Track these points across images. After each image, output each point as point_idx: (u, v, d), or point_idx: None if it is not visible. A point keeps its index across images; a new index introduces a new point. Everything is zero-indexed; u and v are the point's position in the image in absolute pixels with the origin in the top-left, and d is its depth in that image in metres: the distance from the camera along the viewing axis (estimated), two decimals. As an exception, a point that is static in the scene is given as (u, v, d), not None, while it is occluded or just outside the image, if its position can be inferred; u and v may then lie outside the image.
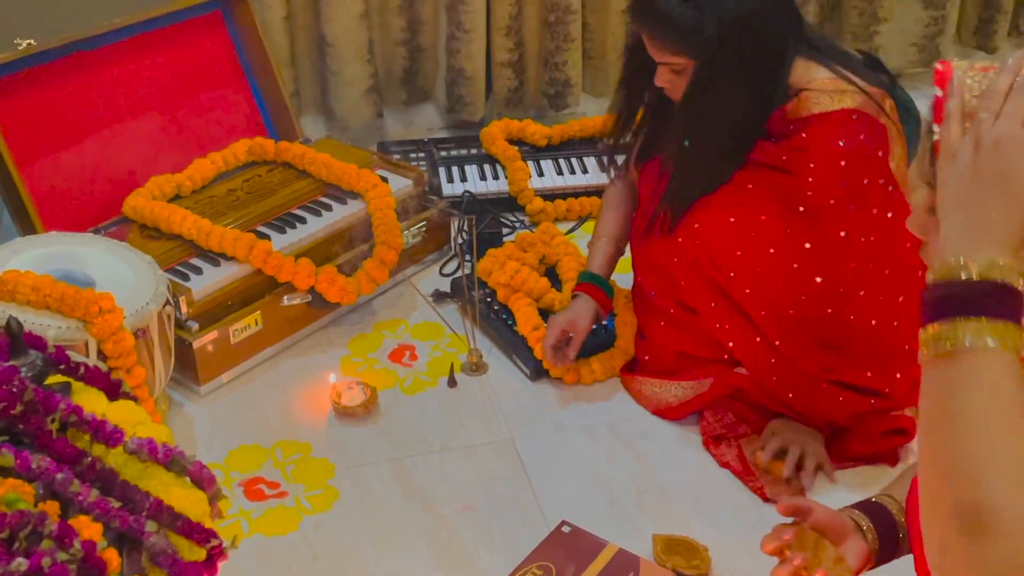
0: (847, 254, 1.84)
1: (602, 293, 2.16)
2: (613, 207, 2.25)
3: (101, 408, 1.34)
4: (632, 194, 2.23)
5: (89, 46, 2.46)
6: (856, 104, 1.83)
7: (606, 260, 2.20)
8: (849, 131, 1.82)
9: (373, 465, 1.99)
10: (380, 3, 3.00)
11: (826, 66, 1.88)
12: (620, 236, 2.22)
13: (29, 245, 2.04)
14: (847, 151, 1.81)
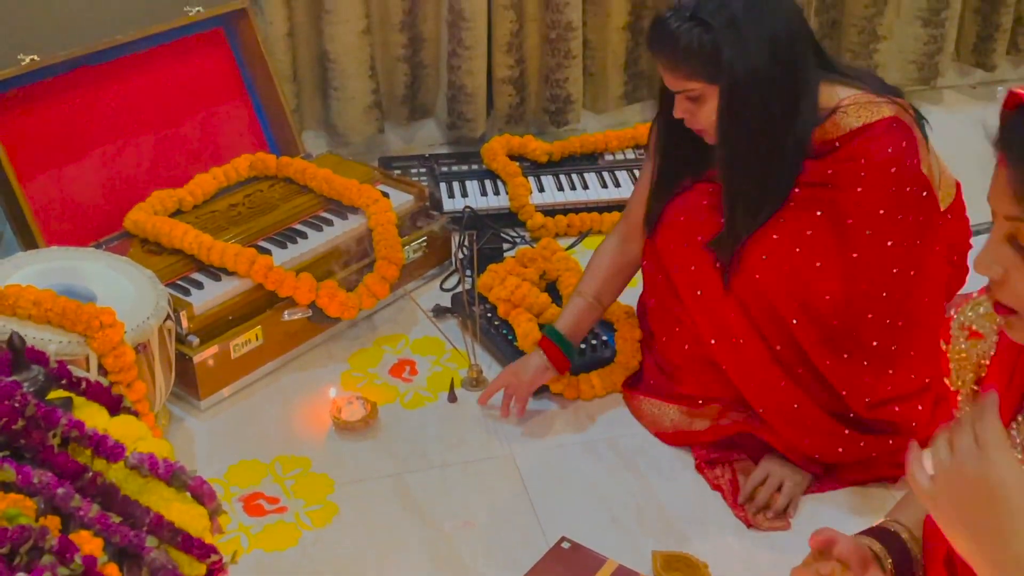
0: (892, 262, 1.85)
1: (559, 352, 2.10)
2: (603, 265, 2.16)
3: (102, 423, 1.34)
4: (624, 251, 2.15)
5: (92, 62, 2.47)
6: (893, 113, 1.84)
7: (577, 319, 2.12)
8: (894, 139, 1.83)
9: (373, 480, 1.99)
10: (382, 20, 3.02)
11: (849, 85, 1.89)
12: (603, 297, 2.14)
13: (31, 259, 2.05)
14: (895, 158, 1.82)
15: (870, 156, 1.82)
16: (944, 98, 3.55)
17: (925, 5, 3.32)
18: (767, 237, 1.89)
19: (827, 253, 1.86)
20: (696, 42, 1.78)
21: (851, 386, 1.89)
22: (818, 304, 1.87)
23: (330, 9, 2.87)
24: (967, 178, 2.39)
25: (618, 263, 2.15)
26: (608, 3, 3.12)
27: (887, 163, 1.82)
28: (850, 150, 1.84)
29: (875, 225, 1.84)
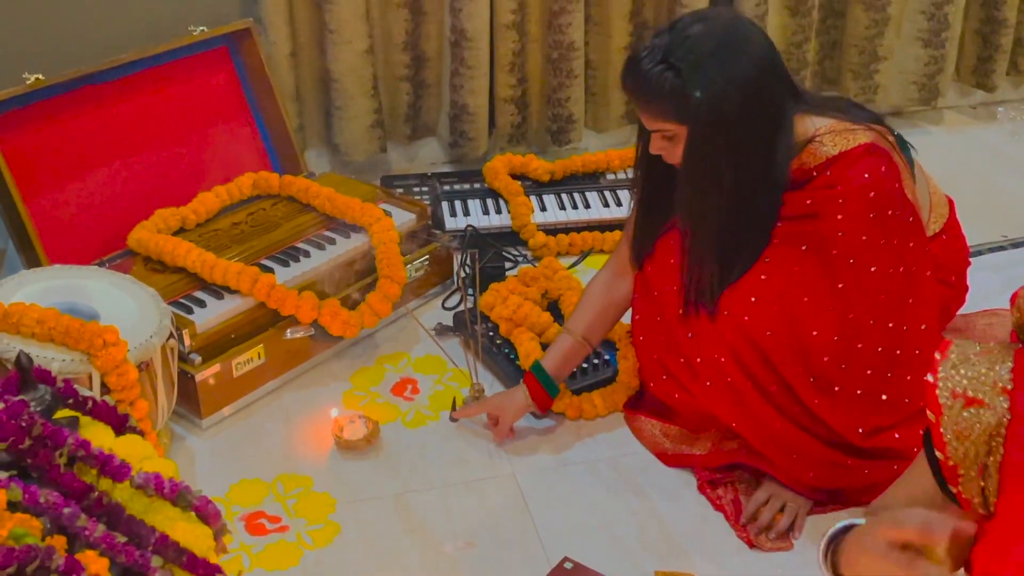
0: (878, 288, 1.84)
1: (542, 390, 2.09)
2: (593, 302, 2.14)
3: (108, 442, 1.35)
4: (615, 288, 2.13)
5: (96, 81, 2.48)
6: (870, 139, 1.84)
7: (564, 357, 2.11)
8: (872, 164, 1.82)
9: (374, 500, 1.99)
10: (385, 39, 3.03)
11: (823, 115, 1.88)
12: (591, 335, 2.12)
13: (34, 278, 2.05)
14: (873, 183, 1.81)
15: (847, 182, 1.81)
16: (945, 118, 3.56)
17: (926, 26, 3.34)
18: (755, 278, 1.88)
19: (815, 288, 1.85)
20: (667, 85, 1.76)
21: (844, 420, 1.88)
22: (808, 341, 1.85)
23: (333, 29, 2.88)
24: (966, 197, 2.41)
25: (608, 300, 2.14)
26: (609, 24, 3.14)
27: (865, 188, 1.80)
28: (827, 178, 1.83)
29: (858, 252, 1.83)
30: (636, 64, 1.80)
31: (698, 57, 1.75)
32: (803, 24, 3.27)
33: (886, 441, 1.89)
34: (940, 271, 2.09)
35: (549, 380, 2.09)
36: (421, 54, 3.09)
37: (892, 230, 1.83)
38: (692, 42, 1.76)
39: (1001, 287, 2.47)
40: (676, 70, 1.75)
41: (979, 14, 3.48)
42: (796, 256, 1.86)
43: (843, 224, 1.82)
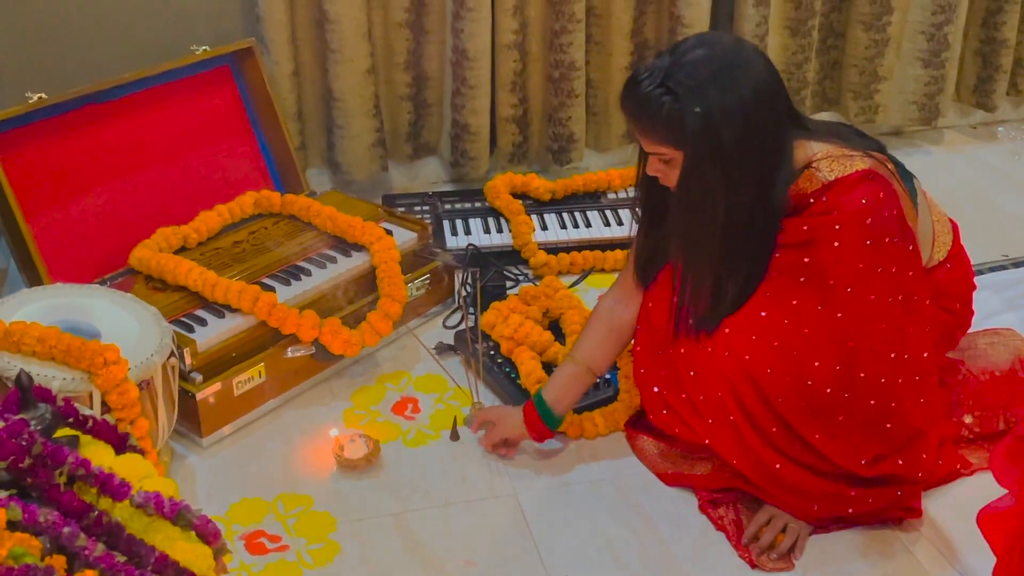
0: (877, 316, 1.81)
1: (540, 422, 2.06)
2: (598, 329, 2.10)
3: (108, 461, 1.34)
4: (619, 315, 2.09)
5: (98, 100, 2.49)
6: (867, 165, 1.82)
7: (566, 387, 2.08)
8: (869, 190, 1.80)
9: (375, 519, 1.98)
10: (386, 59, 3.05)
11: (822, 140, 1.86)
12: (596, 364, 2.08)
13: (35, 296, 2.05)
14: (870, 209, 1.79)
15: (843, 208, 1.79)
16: (945, 138, 3.57)
17: (926, 46, 3.35)
18: (754, 315, 1.86)
19: (815, 319, 1.83)
20: (664, 109, 1.74)
21: (846, 452, 1.86)
22: (810, 373, 1.83)
23: (335, 48, 2.89)
24: (967, 217, 2.41)
25: (612, 326, 2.09)
26: (610, 43, 3.15)
27: (862, 214, 1.78)
28: (824, 204, 1.81)
29: (855, 281, 1.81)
30: (635, 86, 1.79)
31: (697, 82, 1.73)
32: (803, 44, 3.28)
33: (889, 468, 1.87)
34: (943, 299, 2.07)
35: (548, 412, 2.06)
36: (422, 73, 3.10)
37: (890, 258, 1.81)
38: (692, 66, 1.75)
39: (1002, 306, 2.47)
40: (674, 94, 1.74)
41: (979, 34, 3.49)
42: (795, 288, 1.84)
43: (839, 251, 1.80)
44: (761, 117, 1.77)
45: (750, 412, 1.88)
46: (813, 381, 1.83)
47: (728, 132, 1.74)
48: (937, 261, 2.06)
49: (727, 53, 1.78)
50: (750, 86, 1.76)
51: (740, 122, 1.75)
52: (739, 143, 1.76)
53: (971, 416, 2.08)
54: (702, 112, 1.73)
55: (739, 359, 1.86)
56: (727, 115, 1.74)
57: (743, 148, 1.77)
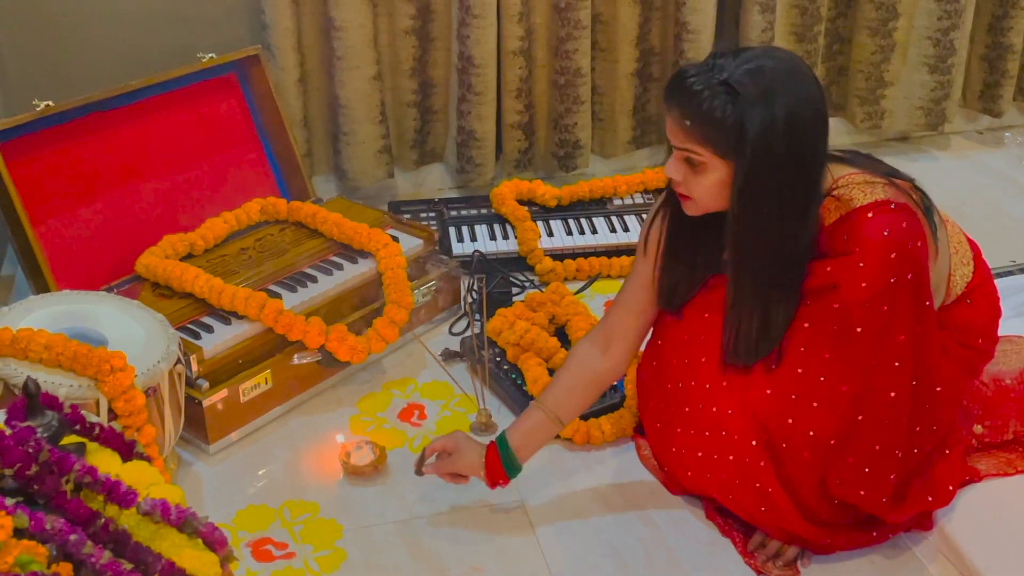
0: (899, 356, 1.75)
1: (499, 465, 1.93)
2: (572, 377, 1.99)
3: (115, 469, 1.34)
4: (598, 364, 1.98)
5: (105, 107, 2.50)
6: (888, 195, 1.74)
7: (531, 434, 1.96)
8: (892, 221, 1.72)
9: (381, 526, 1.98)
10: (392, 66, 3.05)
11: (848, 163, 1.81)
12: (564, 413, 1.97)
13: (42, 303, 2.06)
14: (893, 243, 1.70)
15: (865, 243, 1.71)
16: (951, 144, 3.57)
17: (932, 52, 3.35)
18: (791, 372, 1.79)
19: (845, 370, 1.76)
20: (719, 111, 1.66)
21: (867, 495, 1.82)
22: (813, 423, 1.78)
23: (341, 56, 2.90)
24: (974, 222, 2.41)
25: (586, 377, 1.98)
26: (616, 50, 3.15)
27: (886, 249, 1.70)
28: (845, 243, 1.73)
29: (882, 324, 1.73)
30: (690, 79, 1.69)
31: (764, 90, 1.65)
32: (809, 50, 3.28)
33: (919, 506, 1.87)
34: (964, 336, 1.95)
35: (511, 457, 1.93)
36: (428, 80, 3.10)
37: (913, 293, 1.73)
38: (759, 73, 1.67)
39: (1010, 312, 2.46)
40: (735, 96, 1.66)
41: (985, 40, 3.49)
42: (824, 341, 1.77)
43: (866, 292, 1.71)
44: (814, 135, 1.72)
45: (784, 472, 1.83)
46: (816, 431, 1.78)
47: (786, 144, 1.68)
48: (955, 297, 1.96)
49: (791, 66, 1.71)
50: (812, 101, 1.70)
51: (797, 137, 1.68)
52: (795, 158, 1.69)
53: (981, 426, 2.07)
54: (764, 121, 1.65)
55: (781, 422, 1.80)
56: (787, 126, 1.67)
57: (798, 163, 1.70)
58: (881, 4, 3.28)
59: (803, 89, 1.70)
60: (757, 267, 1.77)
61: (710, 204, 1.78)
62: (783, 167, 1.69)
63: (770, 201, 1.72)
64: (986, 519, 1.93)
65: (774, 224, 1.73)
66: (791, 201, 1.73)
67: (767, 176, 1.69)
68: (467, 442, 1.97)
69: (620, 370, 2.00)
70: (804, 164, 1.72)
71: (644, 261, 1.95)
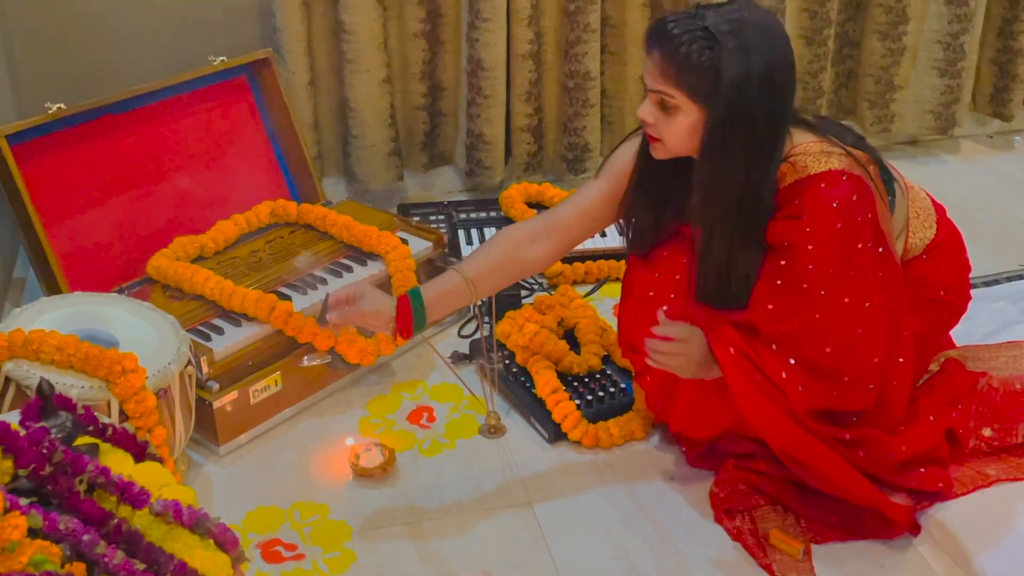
0: (853, 321, 1.83)
1: (409, 318, 1.94)
2: (496, 253, 2.03)
3: (128, 470, 1.35)
4: (526, 249, 2.03)
5: (117, 110, 2.51)
6: (843, 165, 1.82)
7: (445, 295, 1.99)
8: (841, 191, 1.80)
9: (390, 528, 1.99)
10: (402, 69, 3.06)
11: (807, 131, 1.87)
12: (480, 286, 2.00)
13: (54, 305, 2.07)
14: (841, 212, 1.80)
15: (813, 212, 1.80)
16: (961, 147, 3.56)
17: (942, 56, 3.35)
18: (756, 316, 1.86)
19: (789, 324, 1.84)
20: (696, 55, 1.74)
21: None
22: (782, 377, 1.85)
23: (351, 59, 2.91)
24: (983, 226, 2.41)
25: (513, 256, 2.03)
26: (625, 53, 3.16)
27: (832, 217, 1.79)
28: (795, 207, 1.81)
29: (828, 285, 1.82)
30: (671, 24, 1.77)
31: (742, 40, 1.74)
32: (819, 53, 3.28)
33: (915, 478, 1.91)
34: (926, 289, 2.06)
35: (422, 311, 1.95)
36: (438, 83, 3.11)
37: (862, 262, 1.82)
38: (739, 23, 1.75)
39: (1020, 316, 2.47)
40: (714, 43, 1.74)
41: (995, 43, 3.48)
42: (773, 292, 1.85)
43: (812, 254, 1.81)
44: (784, 91, 1.80)
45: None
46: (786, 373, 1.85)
47: (758, 96, 1.76)
48: (914, 254, 2.04)
49: (769, 22, 1.81)
50: (785, 57, 1.80)
51: (769, 91, 1.77)
52: (765, 111, 1.78)
53: (990, 429, 2.07)
54: (740, 68, 1.73)
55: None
56: (760, 76, 1.75)
57: (767, 116, 1.79)
58: (891, 8, 3.28)
59: (778, 46, 1.79)
60: (722, 214, 1.85)
61: (678, 147, 1.86)
62: (754, 118, 1.78)
63: (737, 148, 1.80)
64: (995, 523, 1.93)
65: (739, 171, 1.81)
66: (756, 152, 1.81)
67: (737, 124, 1.77)
68: (374, 290, 1.99)
69: (542, 266, 2.08)
70: (772, 118, 1.80)
71: (598, 183, 2.06)
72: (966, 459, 2.03)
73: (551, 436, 2.19)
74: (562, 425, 2.17)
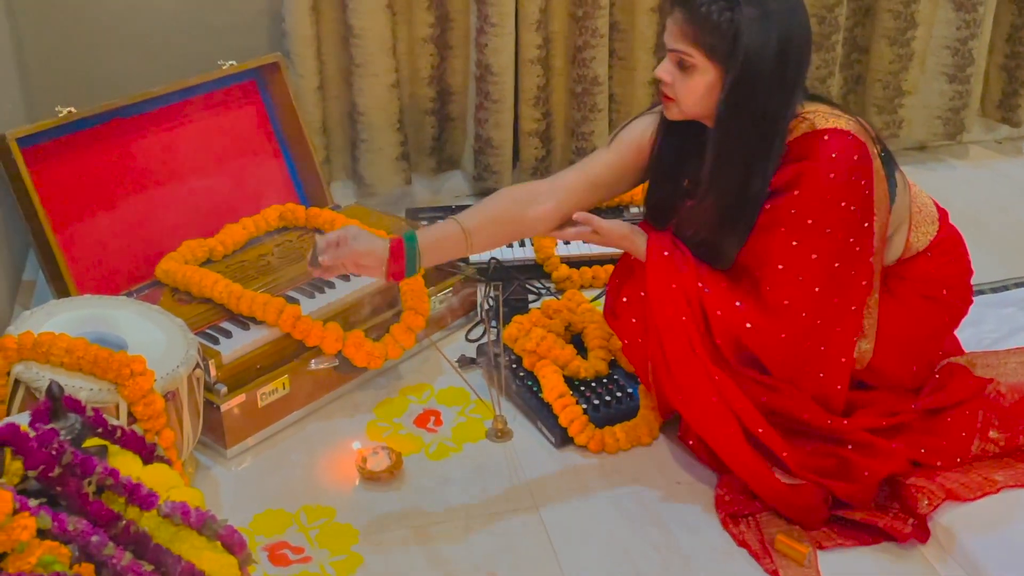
0: (812, 277, 1.88)
1: (402, 263, 1.90)
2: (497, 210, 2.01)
3: (136, 471, 1.36)
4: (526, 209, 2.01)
5: (126, 114, 2.52)
6: (850, 127, 1.88)
7: (441, 243, 1.96)
8: (842, 146, 1.86)
9: (397, 531, 1.99)
10: (411, 74, 3.07)
11: (825, 102, 1.94)
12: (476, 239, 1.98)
13: (63, 307, 2.08)
14: (837, 164, 1.85)
15: (814, 157, 1.85)
16: (970, 153, 3.56)
17: (950, 61, 3.34)
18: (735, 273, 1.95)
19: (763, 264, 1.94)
20: (716, 15, 1.80)
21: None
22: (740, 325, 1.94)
23: (360, 63, 2.91)
24: (992, 232, 2.41)
25: (512, 213, 2.01)
26: (634, 58, 3.16)
27: (826, 168, 1.85)
28: (795, 155, 1.88)
29: (801, 235, 1.87)
30: None
31: (763, 11, 1.80)
32: (827, 59, 3.28)
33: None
34: (927, 286, 2.09)
35: (414, 256, 1.92)
36: (446, 88, 3.12)
37: (840, 223, 1.86)
38: None
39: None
40: (735, 6, 1.79)
41: (1004, 49, 3.48)
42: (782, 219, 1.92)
43: (795, 200, 1.86)
44: (801, 62, 1.86)
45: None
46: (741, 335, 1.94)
47: (776, 64, 1.82)
48: (916, 251, 2.08)
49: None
50: (803, 30, 1.86)
51: (783, 52, 1.82)
52: (780, 78, 1.83)
53: (996, 432, 2.07)
54: (758, 33, 1.79)
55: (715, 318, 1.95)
56: (778, 43, 1.81)
57: (780, 83, 1.84)
58: (899, 13, 3.28)
59: (798, 19, 1.86)
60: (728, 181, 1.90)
61: (693, 108, 1.91)
62: (769, 86, 1.83)
63: (750, 113, 1.85)
64: (1003, 530, 1.92)
65: (750, 138, 1.87)
66: (768, 120, 1.86)
67: (752, 88, 1.83)
68: (365, 232, 1.95)
69: (540, 227, 2.04)
70: (785, 88, 1.85)
71: (606, 152, 2.08)
72: (971, 465, 2.03)
73: (558, 440, 2.19)
74: (569, 429, 2.17)
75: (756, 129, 1.87)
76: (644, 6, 3.08)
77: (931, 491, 1.95)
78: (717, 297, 1.94)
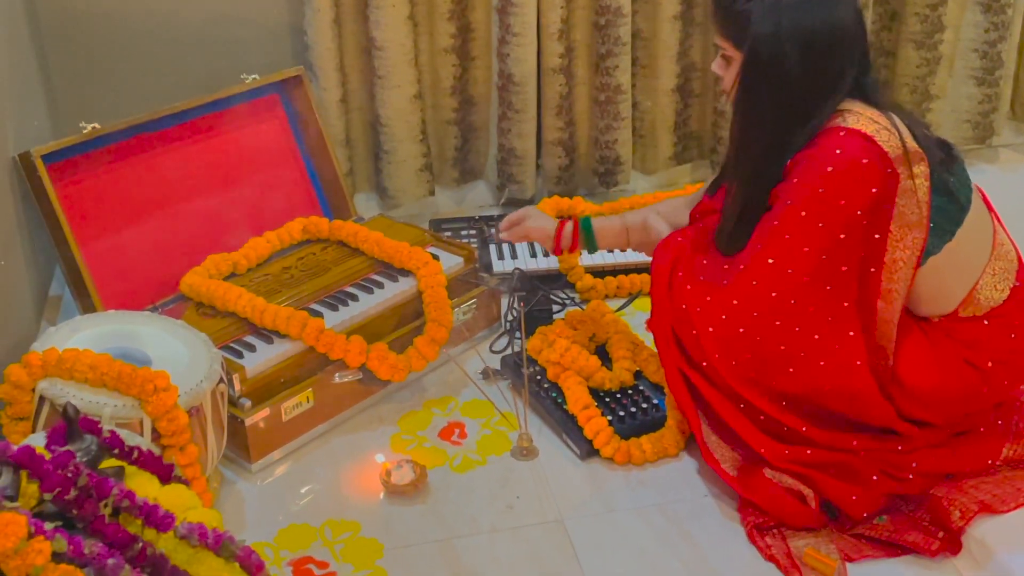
0: (800, 269, 1.85)
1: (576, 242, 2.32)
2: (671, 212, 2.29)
3: (153, 492, 1.36)
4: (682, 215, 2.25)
5: (150, 129, 2.53)
6: (874, 133, 1.81)
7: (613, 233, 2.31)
8: (852, 146, 1.81)
9: (421, 545, 1.98)
10: (433, 84, 3.06)
11: (875, 108, 1.87)
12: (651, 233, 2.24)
13: (88, 323, 2.09)
14: (840, 160, 1.81)
15: (820, 149, 1.83)
16: (1000, 157, 3.51)
17: (979, 64, 3.30)
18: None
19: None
20: (732, 3, 1.86)
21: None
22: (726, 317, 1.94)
23: (382, 75, 2.92)
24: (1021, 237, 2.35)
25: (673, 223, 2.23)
26: (657, 66, 3.14)
27: (825, 161, 1.82)
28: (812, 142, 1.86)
29: (793, 227, 1.84)
30: None
31: (776, 1, 1.82)
32: (853, 63, 3.24)
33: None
34: (971, 352, 1.93)
35: (592, 239, 2.30)
36: (469, 98, 3.11)
37: (837, 222, 1.81)
38: None
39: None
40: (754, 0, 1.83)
41: (1034, 51, 3.43)
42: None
43: (792, 190, 1.85)
44: (823, 56, 1.83)
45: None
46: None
47: (788, 52, 1.82)
48: (972, 314, 1.93)
49: None
50: (827, 22, 1.82)
51: (803, 48, 1.81)
52: (802, 71, 1.83)
53: None
54: (768, 21, 1.81)
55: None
56: (793, 35, 1.81)
57: (804, 76, 1.83)
58: (927, 17, 3.24)
59: (820, 14, 1.82)
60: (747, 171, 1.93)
61: None
62: (788, 78, 1.83)
63: (767, 103, 1.86)
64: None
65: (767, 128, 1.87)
66: (788, 111, 1.85)
67: (766, 78, 1.84)
68: (539, 212, 2.39)
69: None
70: (809, 82, 1.83)
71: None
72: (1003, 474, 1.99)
73: (583, 452, 2.18)
74: (594, 441, 2.15)
75: (769, 116, 1.87)
76: (666, 14, 3.06)
77: (964, 504, 1.92)
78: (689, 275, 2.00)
